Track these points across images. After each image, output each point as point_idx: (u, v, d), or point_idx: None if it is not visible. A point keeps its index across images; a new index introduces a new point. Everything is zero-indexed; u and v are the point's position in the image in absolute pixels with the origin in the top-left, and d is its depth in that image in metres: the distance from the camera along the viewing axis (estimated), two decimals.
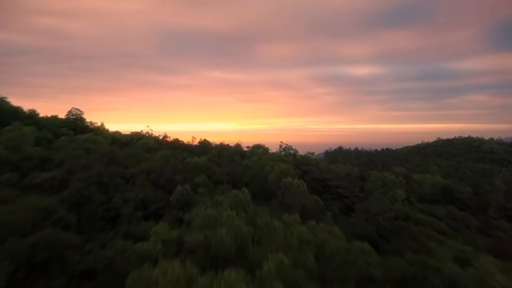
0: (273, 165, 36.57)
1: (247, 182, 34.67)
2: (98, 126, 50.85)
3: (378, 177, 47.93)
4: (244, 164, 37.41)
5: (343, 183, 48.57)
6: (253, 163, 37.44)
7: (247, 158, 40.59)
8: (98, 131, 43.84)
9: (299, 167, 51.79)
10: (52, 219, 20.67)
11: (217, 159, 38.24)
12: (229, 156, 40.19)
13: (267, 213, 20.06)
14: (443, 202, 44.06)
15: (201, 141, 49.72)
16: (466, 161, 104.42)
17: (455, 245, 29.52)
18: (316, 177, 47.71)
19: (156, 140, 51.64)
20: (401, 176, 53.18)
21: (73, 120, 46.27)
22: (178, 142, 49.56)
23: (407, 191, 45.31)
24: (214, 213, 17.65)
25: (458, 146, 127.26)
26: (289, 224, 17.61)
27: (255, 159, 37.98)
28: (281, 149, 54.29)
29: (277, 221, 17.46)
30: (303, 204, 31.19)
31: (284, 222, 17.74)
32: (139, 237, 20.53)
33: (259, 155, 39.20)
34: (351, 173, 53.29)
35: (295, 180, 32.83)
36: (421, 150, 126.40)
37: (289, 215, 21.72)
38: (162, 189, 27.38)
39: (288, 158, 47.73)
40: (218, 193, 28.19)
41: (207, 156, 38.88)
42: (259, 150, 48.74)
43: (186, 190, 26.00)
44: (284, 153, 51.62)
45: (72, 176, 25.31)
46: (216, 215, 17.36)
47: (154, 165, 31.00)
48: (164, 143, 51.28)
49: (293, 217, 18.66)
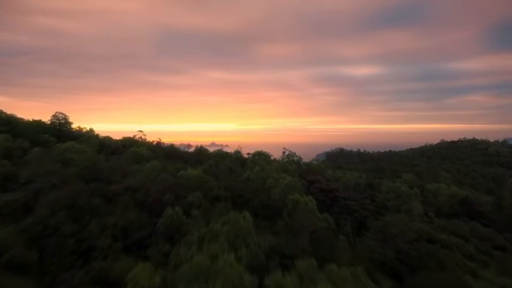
0: (277, 177, 32.40)
1: (248, 198, 30.51)
2: (86, 131, 46.54)
3: (391, 188, 43.72)
4: (245, 175, 33.20)
5: (352, 194, 44.35)
6: (255, 175, 33.25)
7: (248, 167, 36.38)
8: (85, 138, 39.54)
9: (304, 177, 47.66)
10: (3, 259, 16.52)
11: (214, 169, 34.04)
12: (228, 166, 35.95)
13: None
14: (463, 216, 39.98)
15: (197, 147, 45.50)
16: (473, 165, 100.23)
17: (491, 277, 25.33)
18: (324, 188, 43.52)
19: (150, 146, 47.38)
20: (414, 185, 48.97)
21: (58, 126, 41.89)
22: (173, 149, 45.35)
23: (423, 203, 41.10)
24: (207, 261, 13.38)
25: (463, 148, 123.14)
26: (305, 273, 13.40)
27: (257, 170, 33.76)
28: (284, 155, 50.17)
29: (289, 276, 13.17)
30: (313, 226, 26.97)
31: (298, 271, 13.53)
32: (113, 282, 16.35)
33: (261, 166, 34.99)
34: (358, 182, 48.93)
35: (303, 197, 28.69)
36: (425, 153, 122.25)
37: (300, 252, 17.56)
38: (149, 211, 23.14)
39: (291, 167, 43.55)
40: (215, 215, 24.01)
41: (203, 166, 34.65)
42: (261, 157, 44.52)
43: (176, 214, 21.78)
44: (287, 160, 47.43)
45: (39, 198, 21.11)
46: (209, 264, 13.13)
47: (142, 181, 26.76)
48: (158, 149, 47.05)
49: (308, 262, 14.38)
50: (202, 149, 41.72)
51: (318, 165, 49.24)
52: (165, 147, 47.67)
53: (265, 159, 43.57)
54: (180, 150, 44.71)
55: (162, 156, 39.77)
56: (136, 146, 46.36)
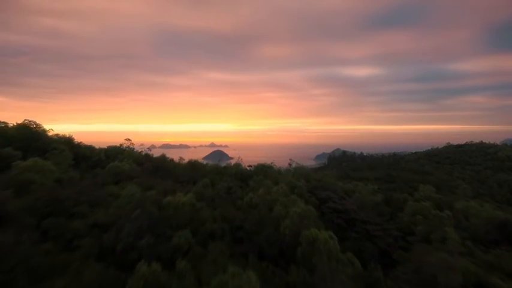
0: (286, 202, 26.13)
1: (252, 231, 24.24)
2: (64, 139, 40.00)
3: (417, 209, 37.32)
4: (247, 199, 26.87)
5: (370, 215, 38.03)
6: (259, 198, 26.98)
7: (251, 188, 30.03)
8: (57, 151, 33.07)
9: (314, 193, 41.36)
10: None
11: (210, 191, 27.71)
12: (226, 186, 29.56)
13: None
14: (503, 244, 33.87)
15: (191, 161, 39.07)
16: (484, 171, 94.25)
17: None
18: (338, 209, 37.22)
19: (137, 157, 40.97)
20: (439, 202, 42.65)
21: (28, 136, 35.36)
22: (163, 161, 38.95)
23: (455, 227, 34.71)
24: None
25: (471, 152, 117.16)
26: None
27: (261, 193, 27.46)
28: (291, 167, 44.00)
29: None
30: (337, 276, 20.71)
31: None
32: None
33: (265, 185, 28.67)
34: (376, 200, 42.47)
35: (321, 232, 22.45)
36: (432, 157, 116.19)
37: None
38: (117, 264, 16.82)
39: (300, 183, 37.28)
40: (208, 266, 17.71)
41: (196, 187, 28.30)
42: (265, 170, 38.20)
43: (153, 272, 15.51)
44: (294, 172, 41.13)
45: None
46: None
47: (114, 214, 20.44)
48: (146, 161, 40.67)
49: None
50: (197, 164, 35.13)
51: (327, 177, 42.86)
52: (155, 159, 41.24)
53: (270, 174, 37.27)
54: (171, 164, 38.16)
55: (148, 173, 33.42)
56: (121, 157, 39.95)
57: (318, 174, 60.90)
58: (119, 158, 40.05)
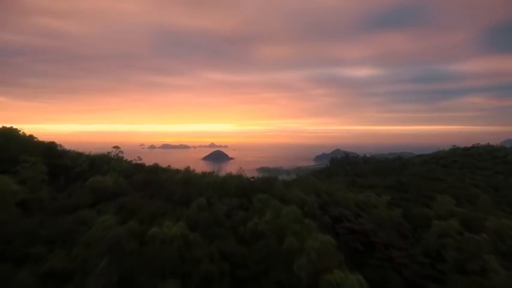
0: (300, 231, 21.23)
1: (258, 272, 19.35)
2: (42, 147, 34.83)
3: (445, 230, 32.04)
4: (251, 226, 21.94)
5: (391, 236, 32.93)
6: (266, 225, 22.08)
7: (255, 209, 25.06)
8: (28, 164, 27.89)
9: (326, 210, 36.26)
10: None
11: (206, 215, 22.77)
12: (225, 209, 24.53)
13: None
14: None
15: (186, 171, 34.09)
16: (495, 176, 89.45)
17: None
18: (354, 230, 32.13)
19: (126, 168, 35.95)
20: (464, 218, 37.66)
21: None
22: (153, 174, 33.96)
23: (494, 253, 29.62)
24: None
25: (479, 155, 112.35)
26: None
27: (269, 218, 22.53)
28: (297, 177, 39.17)
29: None
30: None
31: None
32: None
33: (273, 207, 23.70)
34: (394, 216, 37.34)
35: (347, 276, 17.57)
36: (439, 161, 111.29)
37: None
38: None
39: (310, 198, 32.40)
40: None
41: (190, 210, 23.35)
42: (270, 183, 33.26)
43: None
44: (304, 187, 36.14)
45: None
46: None
47: (79, 258, 15.55)
48: (135, 171, 35.68)
49: None
50: (192, 178, 29.87)
51: (339, 190, 37.91)
52: (146, 170, 36.26)
53: (276, 187, 32.32)
54: (163, 176, 33.05)
55: (136, 188, 28.46)
56: (107, 168, 34.94)
57: (325, 183, 55.89)
58: (104, 169, 35.08)
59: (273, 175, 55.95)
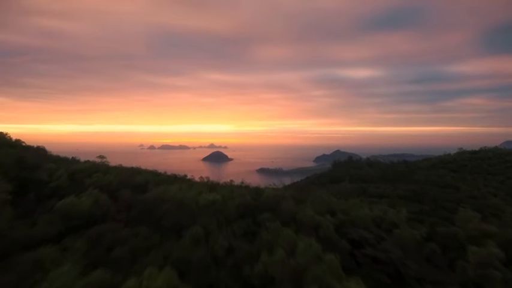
0: (324, 277, 16.37)
1: None
2: (12, 158, 29.75)
3: (482, 256, 27.25)
4: (259, 270, 17.05)
5: (422, 266, 27.92)
6: (277, 266, 17.21)
7: (263, 241, 20.12)
8: None
9: (343, 233, 31.15)
10: None
11: (201, 253, 17.86)
12: (226, 245, 19.52)
13: None
14: None
15: (182, 179, 28.86)
16: (508, 181, 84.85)
17: None
18: (379, 259, 27.12)
19: (110, 181, 30.97)
20: (501, 241, 32.90)
21: None
22: (144, 187, 29.03)
23: None
24: None
25: (488, 159, 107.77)
26: None
27: (281, 257, 17.62)
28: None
29: None
30: None
31: None
32: None
33: (286, 242, 18.77)
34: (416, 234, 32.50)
35: None
36: (447, 165, 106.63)
37: None
38: None
39: (324, 221, 27.39)
40: None
41: (182, 246, 18.42)
42: (280, 203, 28.29)
43: None
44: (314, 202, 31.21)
45: None
46: None
47: None
48: (122, 185, 30.71)
49: None
50: (185, 201, 24.51)
51: (355, 205, 32.97)
52: (133, 185, 31.24)
53: (286, 207, 27.41)
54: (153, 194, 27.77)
55: (118, 212, 23.56)
56: (89, 182, 30.00)
57: (335, 193, 51.12)
58: (86, 184, 30.16)
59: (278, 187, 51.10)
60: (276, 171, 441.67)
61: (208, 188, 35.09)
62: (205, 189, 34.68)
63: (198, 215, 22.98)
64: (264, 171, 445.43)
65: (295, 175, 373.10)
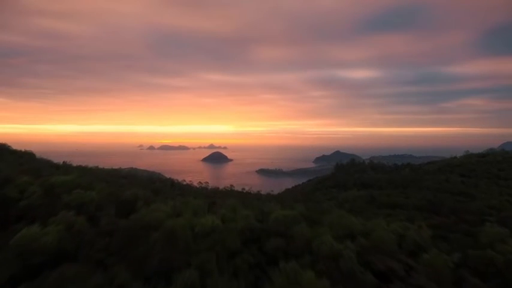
0: None
1: None
2: None
3: None
4: None
5: None
6: None
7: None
8: None
9: (367, 263, 26.76)
10: None
11: None
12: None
13: None
14: None
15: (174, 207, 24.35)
16: None
17: None
18: None
19: (92, 199, 26.37)
20: None
21: None
22: (133, 202, 24.40)
23: None
24: None
25: (497, 163, 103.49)
26: None
27: None
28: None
29: None
30: None
31: None
32: None
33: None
34: (448, 260, 28.31)
35: None
36: (454, 169, 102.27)
37: None
38: None
39: (344, 248, 23.00)
40: None
41: None
42: (290, 226, 23.80)
43: None
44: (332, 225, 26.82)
45: None
46: None
47: None
48: (106, 204, 26.08)
49: None
50: (177, 233, 19.37)
51: (378, 226, 28.38)
52: (123, 198, 26.56)
53: (300, 232, 22.88)
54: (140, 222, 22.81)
55: (92, 247, 18.94)
56: (68, 199, 25.36)
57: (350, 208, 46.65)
58: (64, 201, 25.50)
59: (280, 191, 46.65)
60: (275, 171, 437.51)
61: (206, 204, 30.48)
62: (204, 205, 30.06)
63: (193, 249, 18.36)
64: (263, 171, 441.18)
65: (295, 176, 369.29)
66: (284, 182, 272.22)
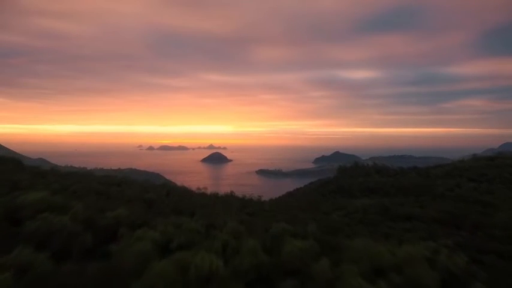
0: None
1: None
2: None
3: None
4: None
5: None
6: None
7: None
8: None
9: None
10: None
11: None
12: None
13: None
14: None
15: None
16: None
17: None
18: None
19: (62, 227, 21.71)
20: None
21: None
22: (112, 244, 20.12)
23: None
24: None
25: (508, 167, 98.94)
26: None
27: None
28: None
29: None
30: None
31: None
32: None
33: None
34: None
35: None
36: (464, 173, 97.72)
37: None
38: None
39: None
40: None
41: None
42: (310, 262, 19.14)
43: None
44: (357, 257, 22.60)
45: None
46: None
47: None
48: (83, 232, 21.47)
49: None
50: (168, 281, 15.54)
51: (413, 261, 23.67)
52: (104, 224, 22.00)
53: (319, 270, 18.17)
54: (126, 258, 18.66)
55: None
56: (35, 226, 20.53)
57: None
58: (26, 229, 20.71)
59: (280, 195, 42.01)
60: (275, 172, 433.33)
61: (204, 227, 25.62)
62: (201, 228, 25.25)
63: None
64: (263, 172, 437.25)
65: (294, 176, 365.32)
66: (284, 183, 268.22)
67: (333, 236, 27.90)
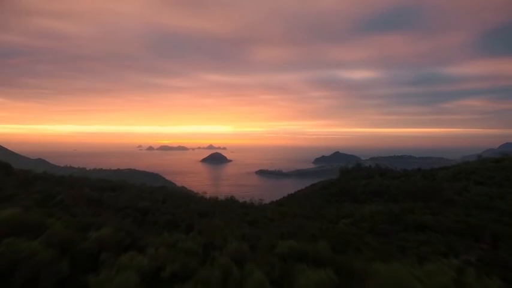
0: None
1: None
2: None
3: None
4: None
5: None
6: None
7: None
8: None
9: None
10: None
11: None
12: None
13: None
14: None
15: None
16: None
17: None
18: None
19: (31, 254, 18.51)
20: None
21: None
22: None
23: None
24: None
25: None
26: None
27: None
28: None
29: None
30: None
31: None
32: None
33: None
34: None
35: None
36: (470, 176, 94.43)
37: None
38: None
39: None
40: None
41: None
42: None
43: None
44: None
45: None
46: None
47: None
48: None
49: None
50: None
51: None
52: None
53: None
54: None
55: None
56: (3, 243, 17.20)
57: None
58: None
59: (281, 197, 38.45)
60: (275, 172, 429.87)
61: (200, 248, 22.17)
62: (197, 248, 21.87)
63: None
64: (263, 172, 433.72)
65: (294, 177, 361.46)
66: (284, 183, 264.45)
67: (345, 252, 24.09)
